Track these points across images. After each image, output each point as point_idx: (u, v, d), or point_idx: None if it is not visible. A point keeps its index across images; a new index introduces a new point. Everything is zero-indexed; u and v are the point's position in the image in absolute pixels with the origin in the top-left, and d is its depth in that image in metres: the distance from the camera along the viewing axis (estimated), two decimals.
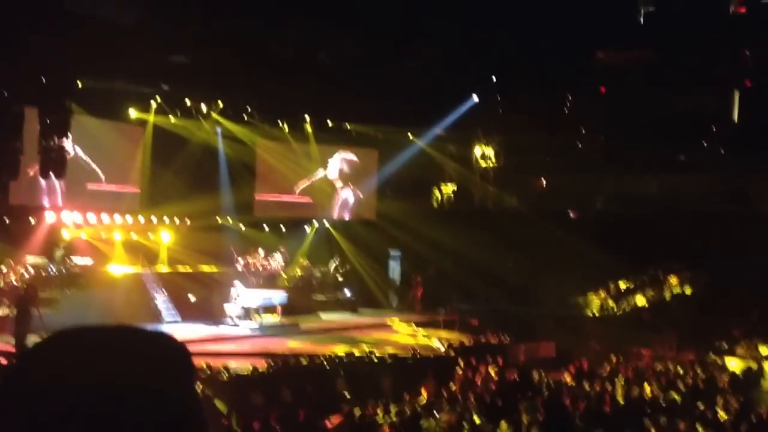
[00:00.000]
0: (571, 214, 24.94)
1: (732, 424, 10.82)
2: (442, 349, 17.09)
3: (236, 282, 18.64)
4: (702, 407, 11.85)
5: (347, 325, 20.46)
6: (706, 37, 19.49)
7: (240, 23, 18.14)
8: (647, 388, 13.49)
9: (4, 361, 11.68)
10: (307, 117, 23.44)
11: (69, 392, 0.92)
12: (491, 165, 24.78)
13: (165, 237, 20.99)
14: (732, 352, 17.64)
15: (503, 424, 10.29)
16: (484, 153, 24.81)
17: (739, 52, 20.43)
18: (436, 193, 25.78)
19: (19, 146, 16.10)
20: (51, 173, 16.42)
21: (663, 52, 20.34)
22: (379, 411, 11.28)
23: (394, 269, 24.78)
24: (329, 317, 21.44)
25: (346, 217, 25.08)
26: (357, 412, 10.79)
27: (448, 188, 25.72)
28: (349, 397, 12.52)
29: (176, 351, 1.04)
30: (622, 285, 22.37)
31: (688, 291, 21.60)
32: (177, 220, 21.50)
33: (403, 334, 19.66)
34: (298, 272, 22.57)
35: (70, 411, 0.91)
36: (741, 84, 21.49)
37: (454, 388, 13.58)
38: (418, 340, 18.83)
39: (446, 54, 19.93)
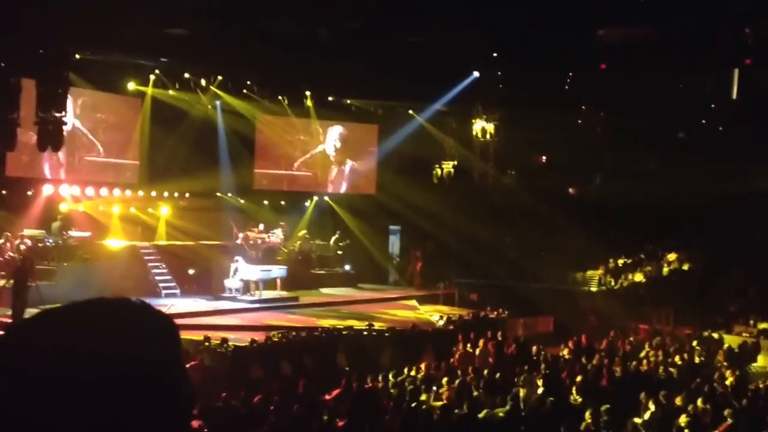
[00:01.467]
0: (571, 191, 24.96)
1: (729, 397, 10.91)
2: (441, 323, 17.16)
3: (237, 257, 18.65)
4: (699, 381, 11.95)
5: (347, 299, 20.52)
6: (707, 16, 19.36)
7: None
8: (644, 363, 13.60)
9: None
10: (307, 92, 23.31)
11: (52, 366, 0.91)
12: (491, 141, 24.72)
13: (164, 211, 20.96)
14: (728, 328, 17.75)
15: (502, 397, 10.37)
16: (484, 129, 24.72)
17: (740, 31, 20.31)
18: (437, 168, 25.73)
19: (16, 118, 15.96)
20: (48, 145, 16.30)
21: (663, 30, 20.21)
22: (378, 384, 11.36)
23: (394, 244, 24.82)
24: (329, 291, 21.50)
25: (346, 192, 25.05)
26: (356, 385, 10.85)
27: (448, 164, 25.67)
28: (348, 370, 12.59)
29: (159, 321, 1.03)
30: (621, 261, 22.44)
31: (685, 267, 21.68)
32: (176, 194, 21.46)
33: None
34: (298, 246, 22.58)
35: (54, 385, 0.90)
36: (741, 63, 21.41)
37: (453, 362, 13.67)
38: (418, 314, 18.87)
39: (447, 29, 19.77)
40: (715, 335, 16.89)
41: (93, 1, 15.17)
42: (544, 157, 26.20)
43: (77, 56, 17.57)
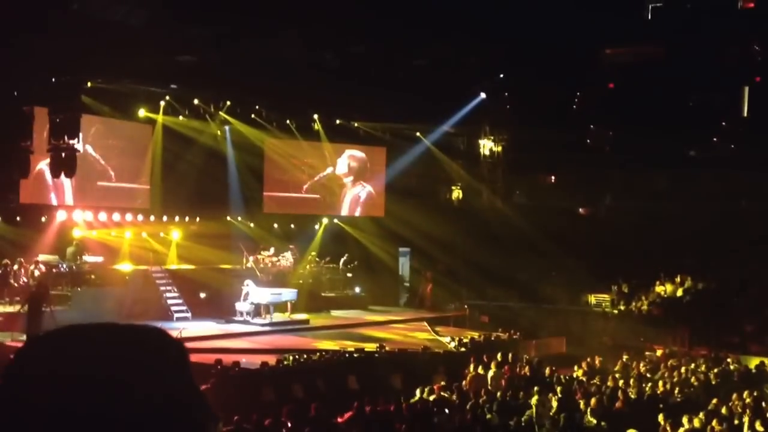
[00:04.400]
0: (581, 211, 24.86)
1: (746, 419, 10.74)
2: (453, 346, 17.05)
3: (247, 281, 18.69)
4: (715, 403, 11.78)
5: (358, 322, 20.46)
6: (715, 32, 19.36)
7: (247, 22, 18.14)
8: (660, 384, 13.44)
9: None
10: (315, 116, 23.47)
11: (61, 388, 0.91)
12: (499, 161, 24.73)
13: (175, 235, 21.08)
14: (745, 348, 17.50)
15: (515, 420, 10.26)
16: (492, 149, 24.75)
17: (748, 48, 20.27)
18: (445, 190, 25.75)
19: (29, 145, 16.18)
20: (61, 172, 16.47)
21: (671, 48, 20.21)
22: (390, 407, 11.27)
23: (404, 266, 24.77)
24: (340, 314, 21.46)
25: (356, 214, 25.11)
26: (368, 408, 10.77)
27: (457, 185, 25.69)
28: (360, 393, 12.51)
29: (168, 344, 1.02)
30: (634, 281, 22.25)
31: (699, 287, 21.47)
32: (187, 219, 21.60)
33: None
34: (308, 269, 22.59)
35: (63, 407, 0.90)
36: (750, 80, 21.35)
37: (465, 384, 13.56)
38: (429, 336, 18.76)
39: (454, 51, 19.88)
40: (731, 356, 16.64)
41: (104, 30, 15.39)
42: (552, 178, 26.16)
43: (89, 84, 17.81)
